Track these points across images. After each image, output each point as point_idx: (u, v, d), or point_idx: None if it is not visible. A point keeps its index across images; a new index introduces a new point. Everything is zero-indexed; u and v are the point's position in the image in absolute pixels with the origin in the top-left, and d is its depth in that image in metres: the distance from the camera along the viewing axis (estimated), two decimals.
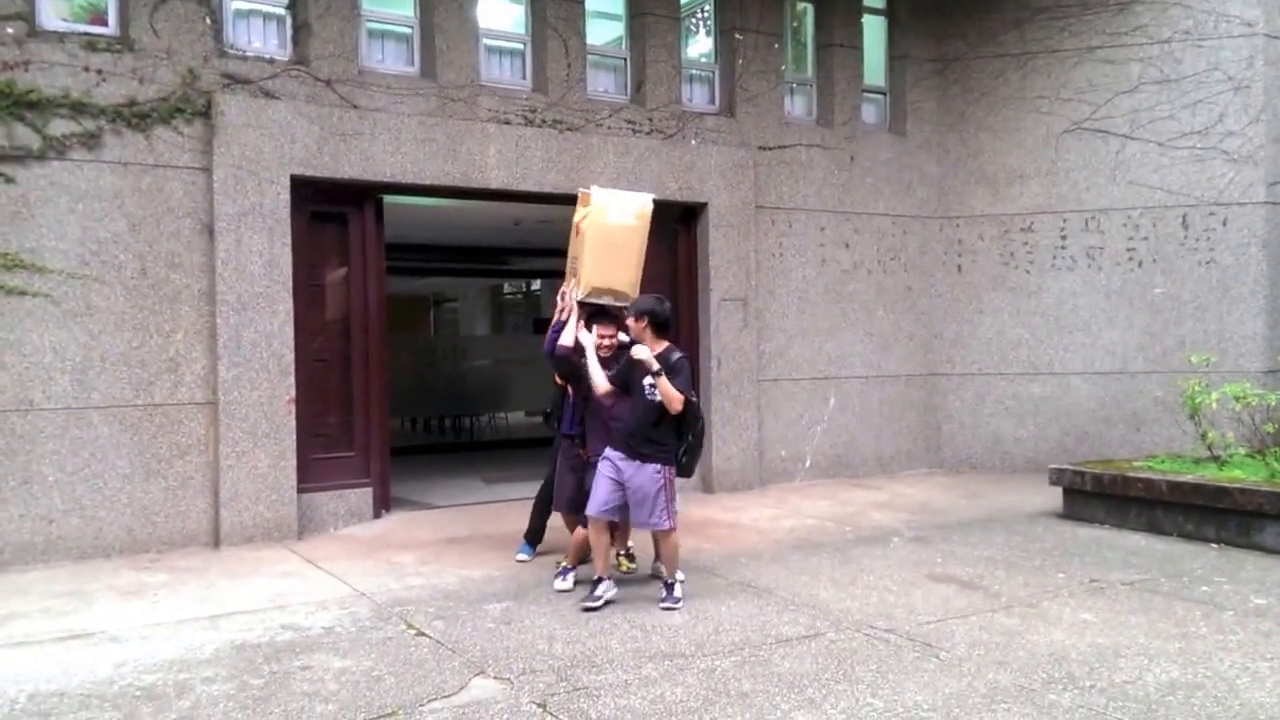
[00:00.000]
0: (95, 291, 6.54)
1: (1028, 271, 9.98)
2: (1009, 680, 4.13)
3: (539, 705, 3.88)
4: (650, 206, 5.85)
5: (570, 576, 5.62)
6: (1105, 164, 9.70)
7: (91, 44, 6.56)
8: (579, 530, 5.64)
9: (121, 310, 6.61)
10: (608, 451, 5.32)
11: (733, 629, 4.84)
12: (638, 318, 5.26)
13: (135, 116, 6.64)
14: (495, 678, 4.19)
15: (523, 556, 6.31)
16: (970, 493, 8.84)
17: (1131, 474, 7.24)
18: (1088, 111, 9.74)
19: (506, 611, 5.17)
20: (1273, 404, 7.57)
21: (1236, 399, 7.42)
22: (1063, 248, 9.86)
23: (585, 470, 5.63)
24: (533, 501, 6.43)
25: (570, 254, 5.89)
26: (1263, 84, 9.30)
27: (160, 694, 4.04)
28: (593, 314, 5.62)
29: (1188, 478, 6.97)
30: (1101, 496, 7.37)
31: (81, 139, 6.50)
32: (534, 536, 6.39)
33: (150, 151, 6.69)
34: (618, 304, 5.64)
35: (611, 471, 5.23)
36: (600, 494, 5.24)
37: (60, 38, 6.49)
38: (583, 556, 5.68)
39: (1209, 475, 7.02)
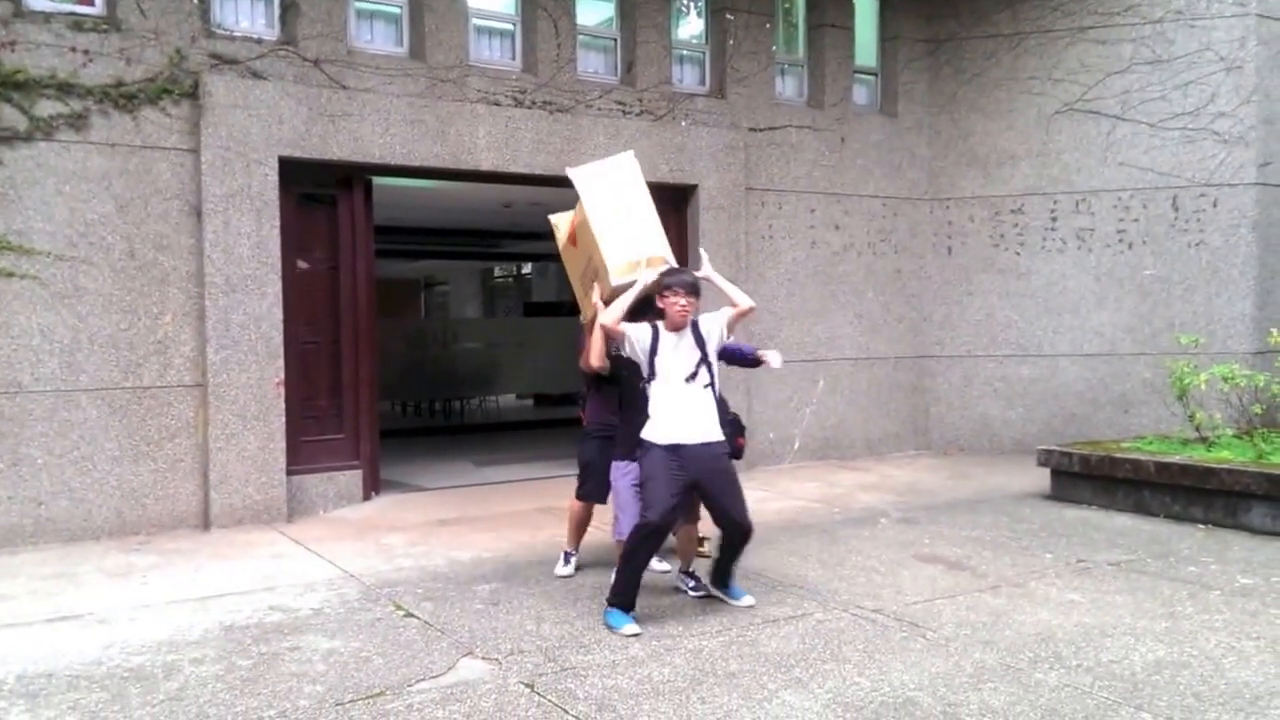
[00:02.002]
0: (83, 273, 6.50)
1: (1018, 253, 9.99)
2: (995, 660, 4.16)
3: (527, 685, 3.90)
4: (634, 161, 5.20)
5: (573, 561, 5.58)
6: (1096, 145, 9.69)
7: (78, 24, 6.50)
8: (575, 509, 5.56)
9: (109, 292, 6.57)
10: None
11: (720, 609, 4.86)
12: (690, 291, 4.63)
13: (122, 97, 6.59)
14: (483, 658, 4.21)
15: None
16: (958, 474, 8.88)
17: (1119, 455, 7.27)
18: (1079, 92, 9.72)
19: (495, 593, 5.18)
20: (1260, 385, 7.60)
21: (1225, 380, 7.44)
22: (1053, 229, 9.86)
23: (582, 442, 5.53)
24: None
25: (574, 273, 5.31)
26: (1254, 64, 9.28)
27: (148, 675, 4.04)
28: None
29: (1175, 459, 7.00)
30: (1089, 478, 7.41)
31: (68, 120, 6.44)
32: None
33: (137, 133, 6.64)
34: (659, 270, 4.89)
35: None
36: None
37: (46, 18, 6.42)
38: (581, 537, 5.63)
39: (1196, 456, 7.06)
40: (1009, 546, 6.15)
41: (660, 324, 4.74)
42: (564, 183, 5.78)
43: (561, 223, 5.41)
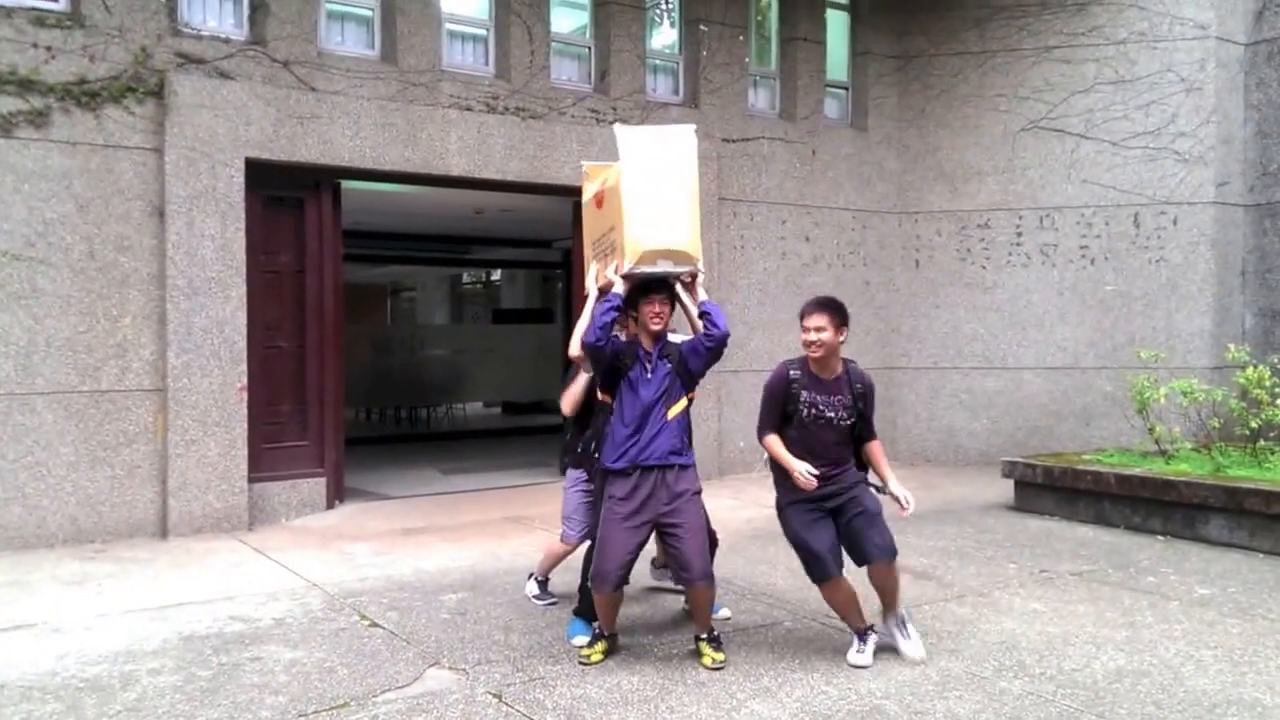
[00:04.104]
0: (41, 274, 6.36)
1: (984, 267, 10.11)
2: (961, 668, 4.18)
3: (494, 695, 3.86)
4: (694, 137, 4.59)
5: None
6: (1060, 162, 9.85)
7: (40, 20, 6.37)
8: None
9: (68, 294, 6.44)
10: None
11: (689, 618, 4.84)
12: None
13: (85, 95, 6.47)
14: (450, 668, 4.16)
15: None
16: (924, 485, 8.94)
17: (1081, 467, 7.37)
18: (1044, 110, 9.88)
19: (462, 602, 5.13)
20: (1218, 400, 7.75)
21: (1184, 394, 7.57)
22: (1018, 244, 10.00)
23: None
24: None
25: (590, 237, 4.74)
26: (1214, 86, 9.50)
27: (105, 685, 3.95)
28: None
29: (1135, 471, 7.11)
30: (1052, 489, 7.50)
31: (29, 117, 6.31)
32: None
33: (100, 131, 6.52)
34: (681, 270, 4.45)
35: None
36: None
37: (8, 13, 6.29)
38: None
39: (1156, 469, 7.17)
40: (974, 556, 6.20)
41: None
42: (535, 190, 5.69)
43: (595, 176, 4.67)
